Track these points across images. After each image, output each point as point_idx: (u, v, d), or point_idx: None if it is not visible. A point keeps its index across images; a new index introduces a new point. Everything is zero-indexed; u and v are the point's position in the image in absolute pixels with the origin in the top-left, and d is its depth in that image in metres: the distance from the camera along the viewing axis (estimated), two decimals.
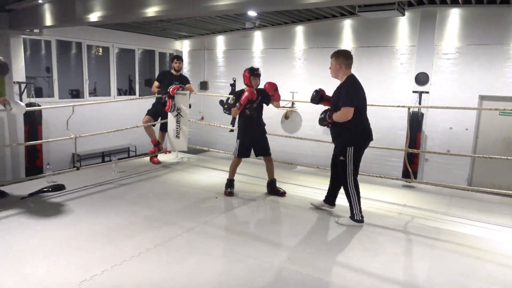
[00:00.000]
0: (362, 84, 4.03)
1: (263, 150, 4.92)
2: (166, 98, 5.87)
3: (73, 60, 9.55)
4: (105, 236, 3.58)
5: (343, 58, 3.88)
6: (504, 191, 5.07)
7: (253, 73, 4.72)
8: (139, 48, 10.19)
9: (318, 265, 3.19)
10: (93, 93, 9.70)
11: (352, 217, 3.99)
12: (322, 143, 6.98)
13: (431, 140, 8.15)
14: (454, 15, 7.66)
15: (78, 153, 8.59)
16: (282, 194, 4.92)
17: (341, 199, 4.61)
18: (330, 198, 4.38)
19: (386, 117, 8.21)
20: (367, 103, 4.06)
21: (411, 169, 5.67)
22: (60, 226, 3.78)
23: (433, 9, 7.74)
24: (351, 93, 3.83)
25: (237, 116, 4.95)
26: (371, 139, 4.07)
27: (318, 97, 4.18)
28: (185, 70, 11.12)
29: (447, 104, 7.29)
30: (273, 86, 4.76)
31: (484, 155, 5.75)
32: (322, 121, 4.09)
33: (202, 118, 10.75)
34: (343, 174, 3.98)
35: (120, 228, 3.76)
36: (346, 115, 3.78)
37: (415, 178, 7.53)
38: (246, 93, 4.62)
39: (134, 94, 10.28)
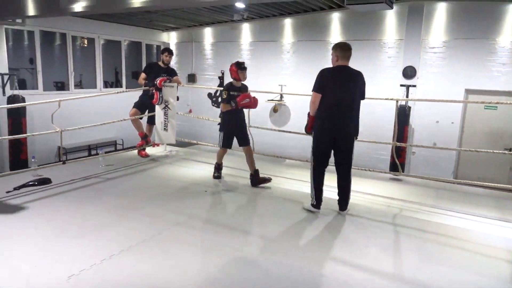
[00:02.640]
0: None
1: (244, 141, 5.12)
2: (153, 91, 5.78)
3: (57, 51, 9.33)
4: (94, 230, 3.52)
5: (339, 49, 3.96)
6: (488, 184, 5.17)
7: (240, 67, 4.94)
8: (126, 39, 10.01)
9: (308, 257, 3.20)
10: (79, 85, 9.52)
11: (311, 201, 4.15)
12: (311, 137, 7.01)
13: (418, 134, 8.25)
14: (441, 9, 7.73)
15: (64, 147, 8.45)
16: (268, 180, 5.05)
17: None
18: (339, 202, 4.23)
19: (374, 110, 8.27)
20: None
21: (398, 162, 5.73)
22: (47, 220, 3.71)
23: (420, 2, 7.79)
24: (317, 79, 3.93)
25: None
26: (329, 134, 3.96)
27: None
28: (173, 63, 10.97)
29: (434, 98, 7.37)
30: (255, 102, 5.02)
31: (470, 149, 5.86)
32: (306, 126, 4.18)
33: (190, 111, 10.66)
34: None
35: (109, 222, 3.71)
36: (312, 99, 3.96)
37: (403, 171, 7.64)
38: (246, 99, 4.86)
39: (121, 86, 10.12)
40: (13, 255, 3.04)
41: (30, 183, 4.63)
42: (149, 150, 6.51)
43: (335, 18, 8.82)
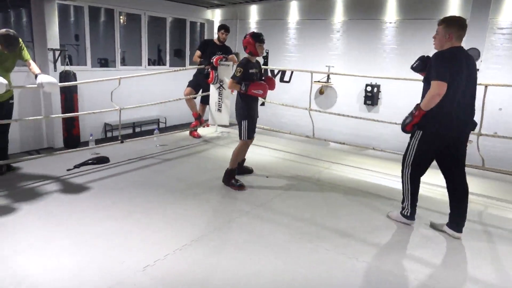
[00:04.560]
0: (401, 59, 3.40)
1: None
2: (209, 69, 5.57)
3: (102, 28, 9.25)
4: (161, 219, 3.38)
5: (456, 28, 3.12)
6: None
7: (259, 39, 4.05)
8: (170, 16, 9.81)
9: (387, 260, 2.96)
10: (122, 62, 9.44)
11: (401, 210, 3.48)
12: (358, 120, 6.63)
13: (477, 121, 7.71)
14: None
15: (109, 123, 8.48)
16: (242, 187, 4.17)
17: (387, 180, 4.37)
18: (453, 219, 3.37)
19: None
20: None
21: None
22: (112, 203, 3.62)
23: None
24: (441, 64, 3.02)
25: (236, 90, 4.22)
26: (454, 134, 3.18)
27: (422, 65, 3.36)
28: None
29: (499, 82, 6.81)
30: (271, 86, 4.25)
31: None
32: (407, 120, 3.22)
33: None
34: (403, 157, 3.37)
35: (175, 209, 3.57)
36: (437, 90, 2.97)
37: None
38: (260, 91, 4.00)
39: (164, 64, 10.00)
40: (82, 241, 2.95)
41: (89, 161, 4.59)
42: (200, 130, 6.37)
43: None
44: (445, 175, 3.35)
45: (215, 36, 9.78)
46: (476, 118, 3.34)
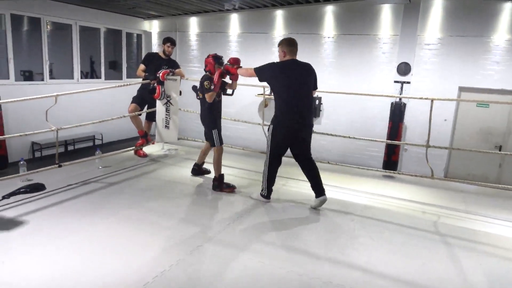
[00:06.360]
0: (339, 72, 4.00)
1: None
2: (155, 84, 5.27)
3: (26, 37, 8.42)
4: (116, 250, 3.05)
5: (285, 46, 4.06)
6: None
7: (218, 62, 4.63)
8: (104, 27, 9.23)
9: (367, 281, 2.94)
10: (50, 75, 8.66)
11: (261, 191, 4.24)
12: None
13: (411, 130, 8.24)
14: (437, 6, 7.69)
15: (38, 142, 7.68)
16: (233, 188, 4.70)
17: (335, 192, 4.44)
18: (315, 190, 4.23)
19: (366, 106, 8.16)
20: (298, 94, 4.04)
21: (392, 159, 5.59)
22: (54, 238, 3.18)
23: None
24: (265, 66, 4.09)
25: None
26: (293, 129, 4.00)
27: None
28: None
29: (427, 94, 7.35)
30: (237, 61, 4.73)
31: (462, 148, 5.85)
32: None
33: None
34: (266, 149, 4.17)
35: (130, 238, 3.25)
36: (248, 73, 4.27)
37: (395, 169, 7.63)
38: (216, 75, 4.53)
39: (98, 77, 9.35)
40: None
41: (22, 190, 4.03)
42: (145, 149, 5.98)
43: (329, 11, 8.58)
44: (298, 163, 4.23)
45: (154, 48, 9.41)
46: (424, 130, 3.61)
